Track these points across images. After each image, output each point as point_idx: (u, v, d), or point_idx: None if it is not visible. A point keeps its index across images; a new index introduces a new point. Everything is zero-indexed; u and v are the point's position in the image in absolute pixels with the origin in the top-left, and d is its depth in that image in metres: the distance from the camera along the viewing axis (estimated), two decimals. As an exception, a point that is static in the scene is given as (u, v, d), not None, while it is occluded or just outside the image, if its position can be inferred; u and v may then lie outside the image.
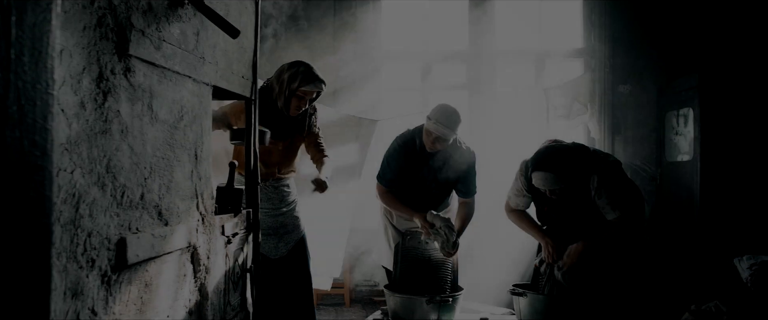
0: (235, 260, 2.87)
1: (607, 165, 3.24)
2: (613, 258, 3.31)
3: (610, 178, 3.19)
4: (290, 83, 3.24)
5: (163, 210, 2.02)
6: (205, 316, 2.40)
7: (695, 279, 4.78)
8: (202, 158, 2.36)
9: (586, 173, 3.20)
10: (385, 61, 5.70)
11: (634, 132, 5.58)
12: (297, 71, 3.23)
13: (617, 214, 3.18)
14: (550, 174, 3.14)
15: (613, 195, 3.16)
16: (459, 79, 5.71)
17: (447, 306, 3.39)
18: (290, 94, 3.26)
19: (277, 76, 3.29)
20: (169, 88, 2.03)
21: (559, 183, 3.16)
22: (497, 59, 5.68)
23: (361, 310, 5.26)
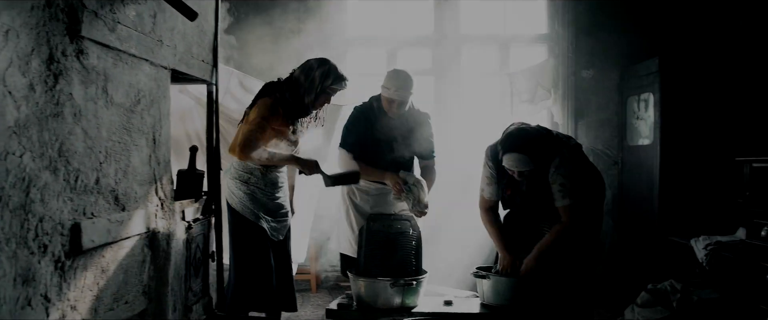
0: (197, 245, 2.85)
1: (568, 148, 3.28)
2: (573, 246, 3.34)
3: (568, 163, 3.22)
4: (323, 81, 3.31)
5: (120, 195, 1.99)
6: (166, 302, 2.39)
7: (655, 260, 4.90)
8: (160, 142, 2.33)
9: (550, 156, 3.24)
10: (350, 45, 5.68)
11: (597, 116, 5.65)
12: (328, 70, 3.32)
13: (565, 203, 3.20)
14: (523, 155, 3.17)
15: (566, 183, 3.19)
16: (425, 65, 5.71)
17: (411, 290, 3.42)
18: (322, 92, 3.34)
19: (305, 73, 3.33)
20: (125, 71, 1.99)
21: (530, 165, 3.19)
22: (462, 44, 5.70)
23: (328, 296, 5.27)
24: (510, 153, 3.21)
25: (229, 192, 3.31)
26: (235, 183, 3.31)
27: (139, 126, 2.13)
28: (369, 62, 5.75)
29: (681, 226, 4.74)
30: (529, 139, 3.21)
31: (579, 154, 3.32)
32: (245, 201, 3.28)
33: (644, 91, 5.12)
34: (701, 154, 4.83)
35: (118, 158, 1.97)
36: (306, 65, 3.36)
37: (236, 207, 3.28)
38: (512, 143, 3.23)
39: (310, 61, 3.38)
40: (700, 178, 4.82)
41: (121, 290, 2.03)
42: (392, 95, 3.71)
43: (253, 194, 3.30)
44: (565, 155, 3.23)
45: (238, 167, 3.32)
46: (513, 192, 3.46)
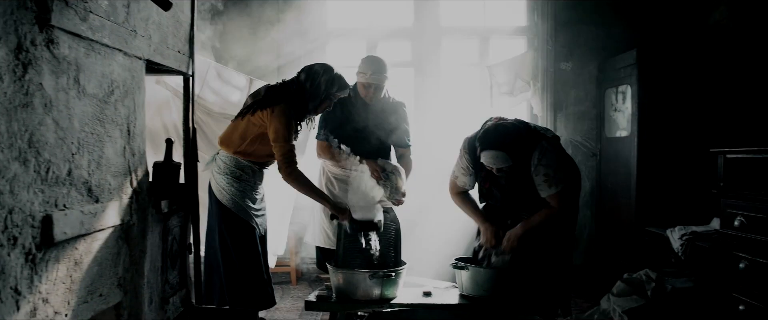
0: (174, 237, 2.83)
1: (547, 141, 3.29)
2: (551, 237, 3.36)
3: (550, 152, 3.24)
4: (328, 88, 3.35)
5: (93, 187, 1.97)
6: (142, 294, 2.37)
7: (632, 250, 4.95)
8: (135, 134, 2.31)
9: (529, 150, 3.25)
10: (330, 37, 5.65)
11: (575, 108, 5.70)
12: (333, 77, 3.36)
13: (553, 191, 3.22)
14: (501, 152, 3.18)
15: (550, 172, 3.21)
16: (404, 57, 5.71)
17: (390, 281, 3.42)
18: (326, 98, 3.38)
19: (311, 79, 3.34)
20: (98, 62, 1.97)
21: (509, 161, 3.20)
22: (442, 37, 5.71)
23: (308, 288, 5.27)
24: (488, 150, 3.21)
25: (219, 187, 3.27)
26: (225, 178, 3.27)
27: (112, 117, 2.10)
28: (348, 54, 5.74)
29: (657, 217, 4.81)
30: (507, 136, 3.22)
31: (557, 147, 3.34)
32: (237, 198, 3.27)
33: (622, 83, 5.16)
34: (677, 145, 4.90)
35: (91, 149, 1.95)
36: (311, 71, 3.37)
37: (228, 205, 3.26)
38: (490, 140, 3.23)
39: (315, 67, 3.39)
40: (676, 170, 4.88)
41: (95, 282, 2.01)
42: (368, 80, 3.76)
43: (244, 191, 3.29)
44: (545, 146, 3.24)
45: (227, 162, 3.28)
46: (491, 185, 3.47)
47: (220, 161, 3.31)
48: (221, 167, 3.29)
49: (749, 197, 3.36)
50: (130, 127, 2.27)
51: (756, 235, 3.27)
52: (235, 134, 3.29)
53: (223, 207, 3.27)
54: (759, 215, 3.24)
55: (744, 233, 3.35)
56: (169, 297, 2.72)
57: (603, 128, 5.56)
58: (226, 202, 3.26)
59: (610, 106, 5.44)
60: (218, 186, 3.28)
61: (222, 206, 3.27)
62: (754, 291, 3.29)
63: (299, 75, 3.39)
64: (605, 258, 5.49)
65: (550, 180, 3.20)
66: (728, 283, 3.50)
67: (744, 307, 3.35)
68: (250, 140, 3.29)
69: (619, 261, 5.16)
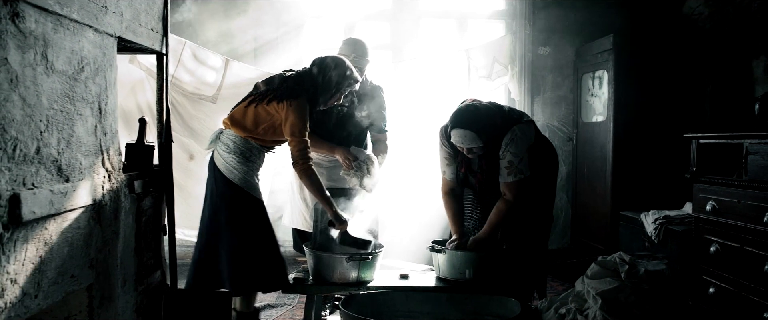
0: (148, 219, 2.79)
1: (520, 127, 3.28)
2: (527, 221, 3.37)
3: (518, 140, 3.23)
4: (339, 83, 3.32)
5: (64, 166, 1.93)
6: (114, 275, 2.34)
7: (607, 234, 5.01)
8: (107, 112, 2.26)
9: (501, 132, 3.25)
10: (306, 18, 5.58)
11: (553, 93, 5.72)
12: (344, 72, 3.33)
13: (510, 179, 3.22)
14: (470, 131, 3.18)
15: (514, 161, 3.21)
16: (383, 40, 5.68)
17: (367, 264, 3.42)
18: (336, 92, 3.35)
19: (322, 73, 3.29)
20: (67, 37, 1.92)
21: (476, 141, 3.20)
22: (421, 19, 5.68)
23: (285, 270, 5.25)
24: (456, 128, 3.23)
25: (228, 167, 3.17)
26: (235, 158, 3.18)
27: (83, 95, 2.05)
28: (325, 36, 5.69)
29: (632, 201, 4.87)
30: (476, 115, 3.22)
31: (531, 131, 3.33)
32: (248, 176, 3.20)
33: (599, 68, 5.19)
34: (652, 130, 4.95)
35: (61, 127, 1.90)
36: (322, 64, 3.32)
37: (240, 184, 3.17)
38: (459, 119, 3.24)
39: (326, 60, 3.34)
40: (651, 155, 4.94)
41: (66, 263, 1.98)
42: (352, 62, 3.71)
43: (253, 170, 3.24)
44: (516, 133, 3.24)
45: (237, 142, 3.20)
46: (467, 170, 3.48)
47: (228, 140, 3.21)
48: (230, 147, 3.19)
49: (721, 182, 3.41)
50: (102, 105, 2.22)
51: (727, 219, 3.32)
52: (246, 118, 3.20)
53: (234, 186, 3.16)
54: (730, 199, 3.29)
55: (715, 217, 3.41)
56: (143, 278, 2.69)
57: (580, 113, 5.59)
58: (239, 181, 3.16)
59: (586, 91, 5.48)
60: (227, 165, 3.17)
61: (232, 185, 3.16)
62: (724, 274, 3.34)
63: (311, 68, 3.32)
64: (581, 242, 5.55)
65: (511, 167, 3.21)
66: (699, 266, 3.56)
67: (714, 289, 3.41)
68: (262, 128, 3.21)
69: (594, 244, 5.22)
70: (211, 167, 3.23)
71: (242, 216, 3.19)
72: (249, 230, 3.19)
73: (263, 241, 3.21)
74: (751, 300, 3.12)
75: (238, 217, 3.18)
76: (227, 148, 3.20)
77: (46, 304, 1.84)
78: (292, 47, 5.44)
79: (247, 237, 3.18)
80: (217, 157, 3.21)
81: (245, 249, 3.17)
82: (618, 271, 3.28)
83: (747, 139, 3.25)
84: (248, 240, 3.18)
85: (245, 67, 4.79)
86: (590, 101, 5.41)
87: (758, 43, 4.46)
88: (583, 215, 5.56)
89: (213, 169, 3.22)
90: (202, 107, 4.62)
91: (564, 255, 5.50)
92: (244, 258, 3.16)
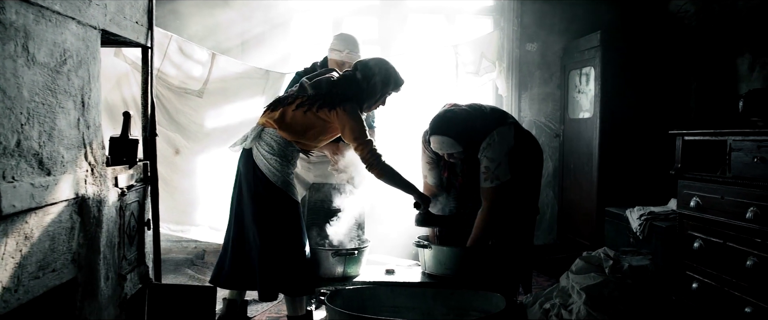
0: (132, 213, 2.78)
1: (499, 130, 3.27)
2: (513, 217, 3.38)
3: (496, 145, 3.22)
4: (383, 89, 3.28)
5: (45, 159, 1.91)
6: (97, 270, 2.32)
7: (593, 229, 5.04)
8: (90, 106, 2.24)
9: (481, 135, 3.25)
10: (294, 12, 5.56)
11: (540, 89, 5.74)
12: (388, 77, 3.27)
13: (486, 185, 3.22)
14: (447, 137, 3.20)
15: (490, 166, 3.20)
16: (370, 34, 5.66)
17: (353, 259, 3.42)
18: (381, 97, 3.31)
19: (367, 79, 3.22)
20: (49, 29, 1.90)
21: (455, 147, 3.22)
22: (409, 15, 5.67)
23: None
24: (434, 135, 3.25)
25: (270, 169, 3.10)
26: (278, 160, 3.12)
27: (65, 87, 2.03)
28: (314, 30, 5.66)
29: (618, 197, 4.89)
30: (453, 121, 3.23)
31: (510, 135, 3.30)
32: (289, 178, 3.15)
33: (586, 65, 5.21)
34: (638, 127, 4.98)
35: (43, 120, 1.88)
36: (366, 69, 3.25)
37: (282, 186, 3.11)
38: (436, 126, 3.26)
39: (370, 64, 3.28)
40: (637, 151, 4.97)
41: (47, 258, 1.96)
42: (344, 57, 3.75)
43: (290, 172, 3.19)
44: (494, 137, 3.23)
45: (281, 144, 3.14)
46: (450, 174, 3.49)
47: (272, 141, 3.13)
48: (274, 148, 3.12)
49: (705, 178, 3.43)
50: (85, 98, 2.20)
51: (710, 215, 3.35)
52: (295, 123, 3.14)
53: (275, 187, 3.10)
54: (714, 196, 3.32)
55: (699, 213, 3.43)
56: (126, 273, 2.67)
57: (567, 109, 5.61)
58: (280, 184, 3.10)
59: (573, 88, 5.50)
60: (270, 167, 3.10)
61: (273, 187, 3.10)
62: (707, 270, 3.37)
63: (355, 72, 3.26)
64: (567, 237, 5.58)
65: (488, 173, 3.20)
66: (683, 262, 3.59)
67: (697, 285, 3.44)
68: (312, 133, 3.18)
69: (580, 240, 5.25)
70: (250, 165, 3.14)
71: (279, 218, 3.12)
72: (283, 233, 3.13)
73: (295, 245, 3.15)
74: (733, 295, 3.15)
75: (275, 219, 3.12)
76: (271, 150, 3.12)
77: (26, 299, 1.82)
78: (279, 42, 5.42)
79: (280, 241, 3.12)
80: (259, 156, 3.12)
81: (277, 252, 3.11)
82: (602, 267, 3.30)
83: (731, 136, 3.27)
84: (281, 243, 3.12)
85: (232, 61, 4.77)
86: (577, 98, 5.43)
87: (743, 41, 4.50)
88: (569, 211, 5.59)
89: (252, 168, 3.12)
90: (189, 101, 4.59)
91: (550, 250, 5.53)
92: (274, 262, 3.11)
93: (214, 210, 4.64)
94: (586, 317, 3.11)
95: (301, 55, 5.53)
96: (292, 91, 3.29)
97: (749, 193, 3.07)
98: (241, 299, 3.36)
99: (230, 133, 4.56)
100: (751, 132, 3.15)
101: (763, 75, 4.28)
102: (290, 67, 5.12)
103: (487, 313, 3.05)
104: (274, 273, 3.10)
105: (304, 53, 5.53)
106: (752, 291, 3.02)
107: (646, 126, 4.96)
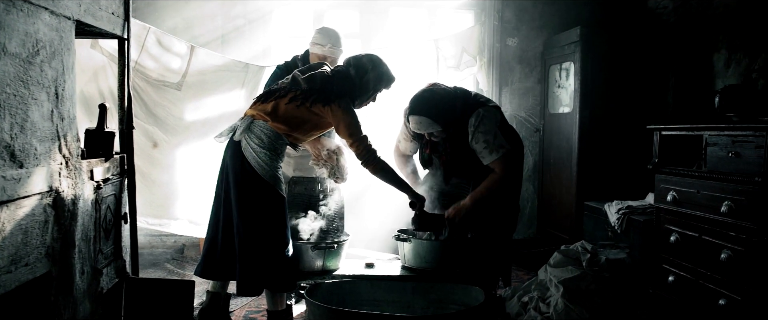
0: (108, 207, 2.75)
1: (485, 108, 3.29)
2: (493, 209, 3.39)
3: (487, 120, 3.24)
4: (375, 86, 3.27)
5: (17, 151, 1.88)
6: (72, 264, 2.29)
7: (572, 224, 5.08)
8: (64, 98, 2.21)
9: (465, 116, 3.26)
10: (275, 6, 5.52)
11: (521, 84, 5.76)
12: (381, 74, 3.26)
13: (494, 157, 3.22)
14: (425, 117, 3.20)
15: (489, 139, 3.21)
16: (352, 28, 5.65)
17: (332, 253, 3.42)
18: (373, 93, 3.30)
19: (359, 75, 3.21)
20: (20, 19, 1.87)
21: (434, 127, 3.22)
22: (390, 9, 5.66)
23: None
24: (412, 115, 3.25)
25: (259, 163, 3.04)
26: (266, 154, 3.06)
27: (38, 79, 2.00)
28: (295, 24, 5.63)
29: (597, 191, 4.93)
30: (432, 101, 3.23)
31: (497, 114, 3.34)
32: (277, 172, 3.10)
33: (566, 60, 5.24)
34: (617, 122, 5.02)
35: (14, 112, 1.85)
36: (359, 65, 3.23)
37: (269, 180, 3.06)
38: (414, 105, 3.26)
39: (363, 60, 3.25)
40: (616, 146, 5.01)
41: (20, 252, 1.93)
42: (327, 52, 3.73)
43: (278, 165, 3.15)
44: (480, 113, 3.24)
45: (272, 137, 3.08)
46: (431, 152, 3.49)
47: (262, 135, 3.07)
48: (264, 141, 3.07)
49: (682, 173, 3.47)
50: (59, 90, 2.17)
51: (686, 209, 3.39)
52: (288, 117, 3.10)
53: (262, 181, 3.04)
54: (690, 190, 3.36)
55: (676, 207, 3.47)
56: (102, 267, 2.64)
57: (547, 104, 5.64)
58: (268, 177, 3.05)
59: (554, 83, 5.53)
60: (258, 160, 3.04)
61: (260, 180, 3.04)
62: (683, 263, 3.42)
63: (348, 68, 3.24)
64: (546, 231, 5.62)
65: (489, 146, 3.21)
66: (660, 255, 3.63)
67: (673, 278, 3.48)
68: (304, 128, 3.16)
69: (559, 234, 5.29)
70: (238, 158, 3.07)
71: (264, 212, 3.08)
72: (267, 228, 3.08)
73: (278, 241, 3.11)
74: (708, 288, 3.20)
75: (260, 213, 3.07)
76: (260, 143, 3.07)
77: (-2, 293, 1.80)
78: (260, 35, 5.38)
79: (263, 235, 3.07)
80: (248, 149, 3.06)
81: (259, 246, 3.07)
82: (580, 260, 3.33)
83: (707, 131, 3.32)
84: (264, 237, 3.08)
85: (212, 54, 4.73)
86: (557, 92, 5.46)
87: (719, 38, 4.55)
88: (548, 205, 5.63)
89: (241, 161, 3.06)
90: (167, 94, 4.54)
91: (529, 244, 5.56)
92: (256, 256, 3.06)
93: (193, 204, 4.60)
94: (564, 310, 3.14)
95: (282, 48, 5.50)
96: (283, 82, 3.25)
97: (724, 187, 3.11)
98: (224, 292, 3.34)
99: (210, 126, 4.53)
100: (726, 127, 3.19)
101: (739, 71, 4.34)
102: (270, 61, 5.08)
103: (466, 306, 3.06)
104: (254, 268, 3.06)
105: (284, 47, 5.50)
106: (726, 284, 3.07)
107: (625, 121, 5.00)
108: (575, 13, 5.60)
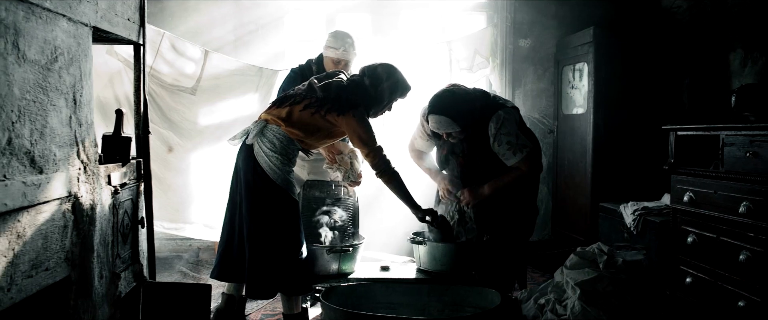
0: (125, 211, 2.76)
1: (505, 111, 3.29)
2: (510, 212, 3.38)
3: (508, 121, 3.24)
4: (390, 96, 3.24)
5: (37, 157, 1.90)
6: (91, 268, 2.31)
7: (587, 225, 5.05)
8: (82, 103, 2.23)
9: (484, 117, 3.25)
10: (288, 10, 5.54)
11: (534, 85, 5.74)
12: (396, 84, 3.22)
13: (519, 158, 3.22)
14: (444, 117, 3.19)
15: (512, 140, 3.21)
16: (364, 31, 5.65)
17: (348, 256, 3.43)
18: (388, 103, 3.27)
19: (374, 85, 3.19)
20: (39, 26, 1.88)
21: (453, 127, 3.21)
22: (402, 11, 5.66)
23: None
24: (432, 114, 3.25)
25: (271, 167, 3.04)
26: (278, 158, 3.06)
27: (56, 85, 2.02)
28: (308, 27, 5.65)
29: (612, 192, 4.90)
30: (452, 101, 3.23)
31: (517, 114, 3.35)
32: (289, 177, 3.11)
33: (579, 61, 5.21)
34: (632, 122, 4.99)
35: (34, 118, 1.87)
36: (374, 75, 3.21)
37: (282, 184, 3.06)
38: (434, 105, 3.26)
39: (377, 70, 3.23)
40: (631, 147, 4.98)
41: (40, 256, 1.95)
42: (340, 55, 3.73)
43: (291, 170, 3.15)
44: (502, 115, 3.24)
45: (284, 142, 3.08)
46: (448, 153, 3.49)
47: (275, 139, 3.08)
48: (276, 146, 3.07)
49: (698, 173, 3.44)
50: (77, 96, 2.19)
51: (703, 210, 3.36)
52: (303, 123, 3.11)
53: (275, 185, 3.05)
54: (707, 191, 3.33)
55: (692, 208, 3.44)
56: (120, 271, 2.66)
57: (560, 105, 5.62)
58: (280, 182, 3.05)
59: (567, 84, 5.50)
60: (271, 164, 3.05)
61: (272, 184, 3.04)
62: (701, 264, 3.39)
63: (362, 78, 3.22)
64: (561, 233, 5.59)
65: (513, 147, 3.21)
66: (677, 256, 3.60)
67: (691, 279, 3.45)
68: (318, 135, 3.17)
69: (574, 235, 5.26)
70: (250, 161, 3.07)
71: (276, 216, 3.07)
72: (279, 231, 3.08)
73: (292, 244, 3.10)
74: (727, 289, 3.16)
75: (272, 217, 3.06)
76: (273, 147, 3.07)
77: (19, 298, 1.81)
78: (272, 39, 5.40)
79: (275, 239, 3.07)
80: (260, 153, 3.06)
81: (270, 250, 3.06)
82: (596, 262, 3.31)
83: (723, 131, 3.29)
84: (276, 241, 3.07)
85: (225, 58, 4.76)
86: (571, 93, 5.43)
87: (735, 36, 4.51)
88: (563, 207, 5.60)
89: (253, 164, 3.06)
90: (181, 99, 4.58)
91: (544, 246, 5.54)
92: (266, 259, 3.05)
93: (208, 208, 4.63)
94: (581, 312, 3.12)
95: (295, 52, 5.51)
96: (299, 88, 3.25)
97: (742, 188, 3.08)
98: (239, 295, 3.34)
99: (224, 130, 4.55)
100: (743, 127, 3.16)
101: (755, 70, 4.30)
102: (284, 64, 5.10)
103: (482, 309, 3.05)
104: (264, 271, 3.06)
105: (297, 50, 5.52)
106: (745, 285, 3.04)
107: (640, 121, 4.96)
108: (588, 14, 5.57)
